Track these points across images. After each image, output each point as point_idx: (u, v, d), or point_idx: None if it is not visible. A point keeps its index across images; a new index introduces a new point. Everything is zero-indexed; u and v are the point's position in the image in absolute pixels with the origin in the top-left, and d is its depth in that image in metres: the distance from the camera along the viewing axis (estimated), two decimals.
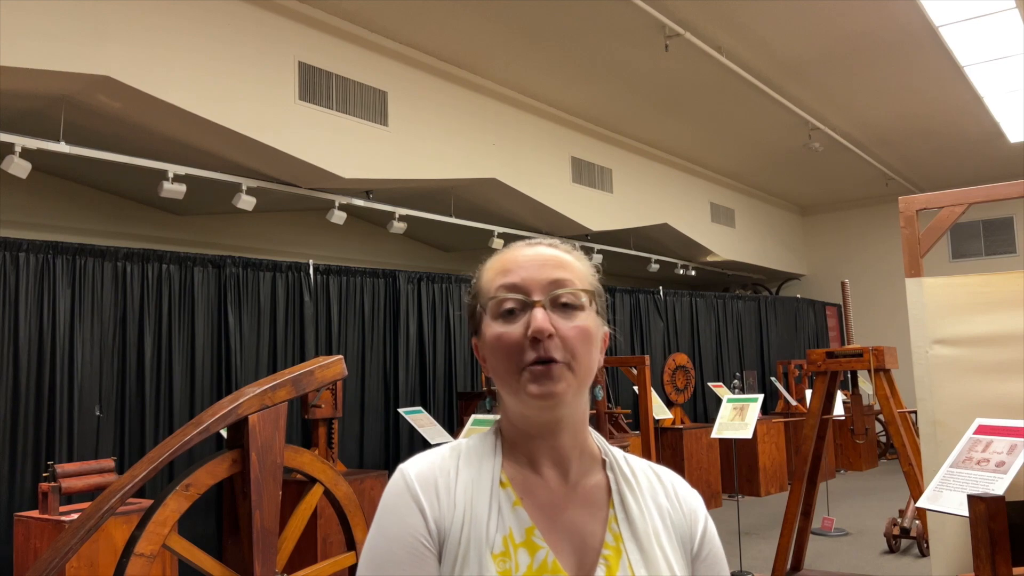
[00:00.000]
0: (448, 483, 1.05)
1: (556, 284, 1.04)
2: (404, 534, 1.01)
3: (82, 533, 2.32)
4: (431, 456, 1.09)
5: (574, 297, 1.05)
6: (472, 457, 1.08)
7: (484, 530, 1.01)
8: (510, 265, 1.07)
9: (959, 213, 3.53)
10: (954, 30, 7.10)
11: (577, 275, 1.07)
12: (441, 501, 1.03)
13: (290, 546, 3.11)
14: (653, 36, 6.87)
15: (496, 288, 1.06)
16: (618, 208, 9.64)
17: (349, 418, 6.65)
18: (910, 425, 5.20)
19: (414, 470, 1.06)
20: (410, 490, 1.04)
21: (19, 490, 4.83)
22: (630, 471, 1.12)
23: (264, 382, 3.03)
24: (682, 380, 9.69)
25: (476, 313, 1.10)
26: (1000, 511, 2.65)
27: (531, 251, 1.09)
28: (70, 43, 4.79)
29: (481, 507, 1.02)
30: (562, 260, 1.08)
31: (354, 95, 6.52)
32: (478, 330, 1.10)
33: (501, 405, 1.10)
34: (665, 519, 1.10)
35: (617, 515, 1.07)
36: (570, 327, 1.03)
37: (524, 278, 1.05)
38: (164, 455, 2.59)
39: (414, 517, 1.02)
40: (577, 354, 1.02)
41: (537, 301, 1.03)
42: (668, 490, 1.13)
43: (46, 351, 5.06)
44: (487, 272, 1.11)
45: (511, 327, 1.03)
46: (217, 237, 8.01)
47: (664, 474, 1.16)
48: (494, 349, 1.04)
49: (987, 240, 12.78)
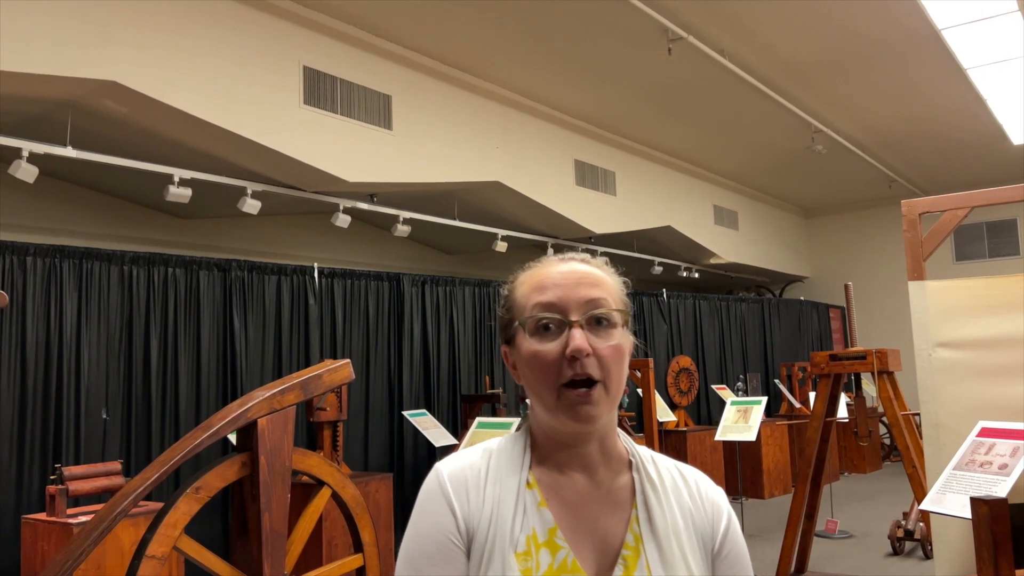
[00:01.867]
0: (478, 483, 1.09)
1: (592, 304, 1.08)
2: (436, 532, 1.05)
3: (96, 535, 2.34)
4: (464, 456, 1.13)
5: (609, 317, 1.08)
6: (502, 458, 1.12)
7: (509, 530, 1.04)
8: (546, 282, 1.10)
9: (961, 216, 3.54)
10: (956, 33, 7.12)
11: (610, 293, 1.11)
12: (471, 501, 1.07)
13: (298, 548, 3.13)
14: (656, 39, 6.90)
15: (533, 306, 1.09)
16: (621, 211, 9.65)
17: (354, 421, 6.67)
18: (914, 427, 5.21)
19: (447, 470, 1.11)
20: (443, 490, 1.08)
21: (27, 493, 4.86)
22: (655, 471, 1.14)
23: (272, 386, 3.05)
24: (686, 383, 9.70)
25: (510, 326, 1.13)
26: (1003, 513, 2.67)
27: (566, 268, 1.12)
28: (77, 48, 4.82)
29: (507, 507, 1.06)
30: (596, 278, 1.11)
31: (358, 99, 6.55)
32: (511, 341, 1.13)
33: (532, 410, 1.14)
34: (687, 518, 1.12)
35: (639, 515, 1.10)
36: (606, 346, 1.07)
37: (560, 297, 1.08)
38: (175, 458, 2.61)
39: (446, 516, 1.06)
40: (611, 371, 1.07)
41: (575, 321, 1.06)
42: (692, 489, 1.16)
43: (53, 355, 5.09)
44: (521, 287, 1.14)
45: (548, 345, 1.06)
46: (222, 241, 8.04)
47: (689, 473, 1.18)
48: (531, 365, 1.07)
49: (991, 242, 12.78)
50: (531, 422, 1.15)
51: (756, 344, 11.90)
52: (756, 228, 12.93)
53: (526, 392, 1.11)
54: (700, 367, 10.57)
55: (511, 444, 1.14)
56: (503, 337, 1.16)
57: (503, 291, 1.18)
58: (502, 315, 1.16)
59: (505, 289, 1.18)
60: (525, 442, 1.13)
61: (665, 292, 10.42)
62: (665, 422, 8.96)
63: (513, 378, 1.23)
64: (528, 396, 1.11)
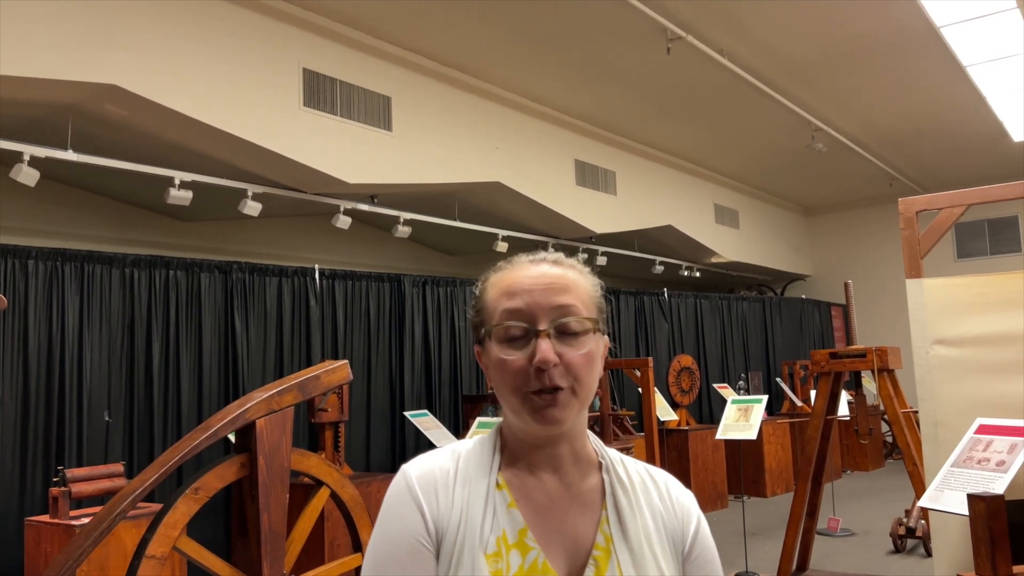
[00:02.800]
0: (447, 484, 1.07)
1: (561, 311, 1.05)
2: (404, 534, 1.04)
3: (95, 536, 2.36)
4: (432, 457, 1.12)
5: (579, 324, 1.06)
6: (471, 460, 1.11)
7: (479, 531, 1.03)
8: (515, 287, 1.08)
9: (959, 214, 3.55)
10: (955, 30, 7.12)
11: (581, 298, 1.08)
12: (440, 501, 1.06)
13: (297, 548, 3.15)
14: (655, 39, 6.90)
15: (500, 313, 1.07)
16: (622, 210, 9.66)
17: (355, 422, 6.68)
18: (914, 425, 5.21)
19: (415, 471, 1.09)
20: (411, 491, 1.07)
21: (30, 495, 4.88)
22: (625, 473, 1.14)
23: (271, 387, 3.07)
24: (687, 382, 9.71)
25: (479, 328, 1.12)
26: (1000, 510, 2.68)
27: (536, 271, 1.09)
28: (77, 52, 4.84)
29: (477, 508, 1.05)
30: (567, 282, 1.08)
31: (358, 101, 6.57)
32: (482, 343, 1.12)
33: (503, 413, 1.13)
34: (657, 519, 1.12)
35: (609, 516, 1.09)
36: (575, 355, 1.05)
37: (529, 303, 1.05)
38: (174, 459, 2.63)
39: (414, 517, 1.05)
40: (581, 379, 1.05)
41: (542, 331, 1.04)
42: (662, 491, 1.16)
43: (55, 357, 5.11)
44: (491, 290, 1.12)
45: (516, 354, 1.05)
46: (223, 243, 8.06)
47: (658, 475, 1.18)
48: (499, 372, 1.06)
49: (992, 239, 12.78)
50: (503, 424, 1.15)
51: (757, 343, 11.90)
52: (757, 227, 12.93)
53: (498, 397, 1.10)
54: (701, 366, 10.57)
55: (480, 446, 1.13)
56: (475, 338, 1.14)
57: (474, 290, 1.16)
58: (472, 317, 1.14)
59: (476, 289, 1.16)
60: (495, 444, 1.13)
61: (666, 291, 10.43)
62: (667, 421, 8.97)
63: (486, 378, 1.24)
64: (499, 400, 1.10)
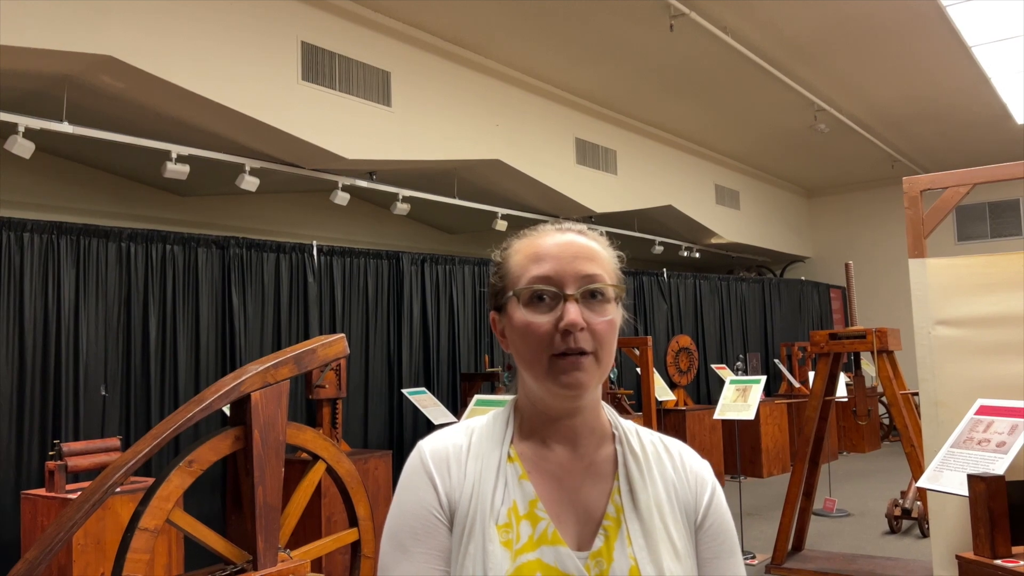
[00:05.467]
0: (460, 459, 1.10)
1: (588, 279, 1.08)
2: (418, 507, 1.07)
3: (87, 507, 2.34)
4: (446, 433, 1.14)
5: (604, 292, 1.08)
6: (484, 434, 1.13)
7: (490, 502, 1.05)
8: (542, 253, 1.09)
9: (963, 194, 3.51)
10: (961, 10, 7.03)
11: (606, 268, 1.11)
12: (452, 476, 1.08)
13: (293, 522, 3.13)
14: (658, 16, 6.83)
15: (529, 277, 1.08)
16: (622, 190, 9.61)
17: (353, 399, 6.67)
18: (912, 406, 5.21)
19: (429, 447, 1.12)
20: (424, 466, 1.10)
21: (26, 469, 4.88)
22: (639, 444, 1.14)
23: (266, 360, 3.04)
24: (685, 362, 9.70)
25: (502, 294, 1.12)
26: (1000, 491, 2.66)
27: (563, 239, 1.11)
28: (73, 23, 4.78)
29: (488, 481, 1.07)
30: (593, 251, 1.11)
31: (357, 75, 6.50)
32: (502, 309, 1.12)
33: (520, 382, 1.13)
34: (670, 490, 1.12)
35: (620, 487, 1.10)
36: (600, 321, 1.07)
37: (557, 270, 1.07)
38: (167, 431, 2.61)
39: (427, 491, 1.08)
40: (604, 344, 1.07)
41: (571, 295, 1.06)
42: (675, 461, 1.16)
43: (51, 331, 5.09)
44: (516, 255, 1.13)
45: (542, 317, 1.06)
46: (221, 218, 8.01)
47: (673, 445, 1.18)
48: (524, 335, 1.07)
49: (993, 222, 12.74)
50: (519, 395, 1.15)
51: (756, 324, 11.90)
52: (757, 208, 12.88)
53: (515, 360, 1.10)
54: (700, 346, 10.57)
55: (493, 421, 1.15)
56: (493, 304, 1.15)
57: (496, 257, 1.17)
58: (494, 282, 1.15)
59: (498, 256, 1.16)
60: (508, 417, 1.14)
61: (666, 272, 10.40)
62: (664, 401, 8.97)
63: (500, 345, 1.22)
64: (517, 364, 1.10)
